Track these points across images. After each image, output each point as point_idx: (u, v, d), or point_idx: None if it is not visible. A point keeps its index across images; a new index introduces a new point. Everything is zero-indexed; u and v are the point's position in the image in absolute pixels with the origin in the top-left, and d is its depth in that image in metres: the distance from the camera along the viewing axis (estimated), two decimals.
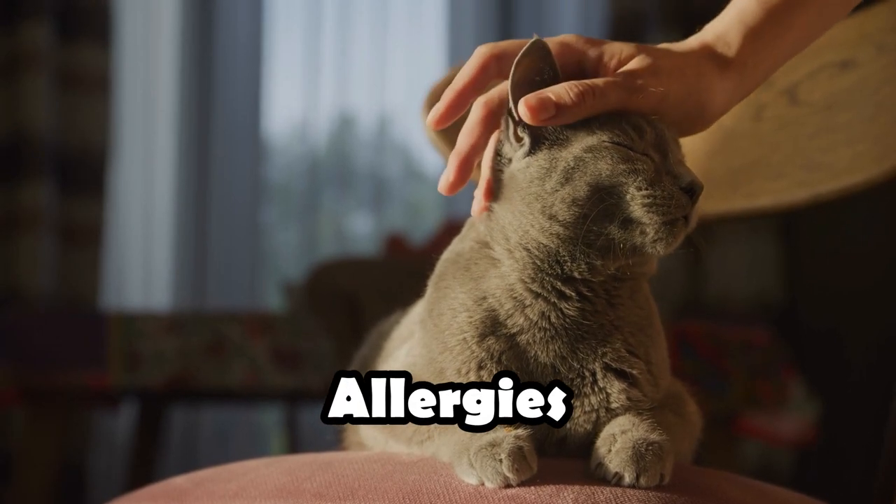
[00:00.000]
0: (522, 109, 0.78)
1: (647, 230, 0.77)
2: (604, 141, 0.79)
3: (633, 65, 0.83)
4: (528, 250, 0.80)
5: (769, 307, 3.14)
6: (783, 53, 0.91)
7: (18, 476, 2.38)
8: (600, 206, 0.77)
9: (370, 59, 3.65)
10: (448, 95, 0.84)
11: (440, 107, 0.84)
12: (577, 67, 0.84)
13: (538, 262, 0.80)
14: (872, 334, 3.00)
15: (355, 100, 3.68)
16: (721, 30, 0.89)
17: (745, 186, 1.17)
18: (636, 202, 0.77)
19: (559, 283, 0.80)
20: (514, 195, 0.80)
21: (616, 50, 0.84)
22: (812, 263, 3.19)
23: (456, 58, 3.58)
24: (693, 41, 0.89)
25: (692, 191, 0.78)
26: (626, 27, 3.22)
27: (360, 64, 3.64)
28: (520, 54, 0.80)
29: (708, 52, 0.87)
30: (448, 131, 1.23)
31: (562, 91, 0.79)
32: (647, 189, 0.77)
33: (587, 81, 0.80)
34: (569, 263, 0.79)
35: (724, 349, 2.23)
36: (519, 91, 0.80)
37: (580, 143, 0.79)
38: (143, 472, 2.80)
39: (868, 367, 2.97)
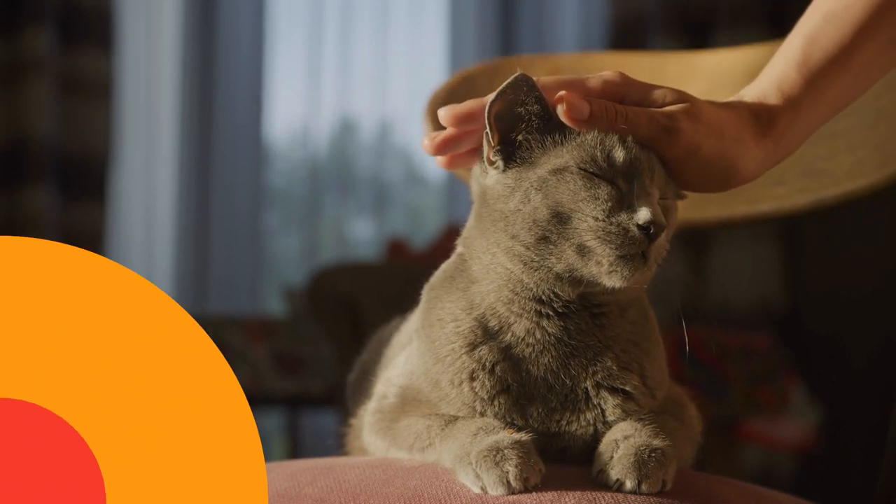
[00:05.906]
0: (560, 107, 0.79)
1: (602, 261, 0.76)
2: (570, 165, 0.78)
3: (675, 107, 0.82)
4: (497, 274, 0.80)
5: (771, 312, 3.14)
6: (817, 121, 0.90)
7: None
8: (559, 229, 0.77)
9: (371, 64, 3.65)
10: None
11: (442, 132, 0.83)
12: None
13: (510, 286, 0.80)
14: (874, 339, 3.00)
15: (356, 105, 3.69)
16: (760, 94, 0.88)
17: (746, 192, 1.17)
18: (591, 232, 0.76)
19: (535, 304, 0.80)
20: (483, 212, 0.81)
21: (660, 95, 0.84)
22: (813, 269, 3.19)
23: (457, 63, 3.59)
24: (736, 101, 0.88)
25: (649, 229, 0.77)
26: (626, 30, 3.22)
27: (361, 69, 3.64)
28: (503, 86, 0.79)
29: (751, 118, 0.86)
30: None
31: (600, 104, 0.80)
32: (603, 220, 0.76)
33: (626, 107, 0.80)
34: (534, 289, 0.79)
35: (726, 354, 2.23)
36: (499, 120, 0.80)
37: (547, 165, 0.79)
38: None
39: (869, 371, 2.97)
